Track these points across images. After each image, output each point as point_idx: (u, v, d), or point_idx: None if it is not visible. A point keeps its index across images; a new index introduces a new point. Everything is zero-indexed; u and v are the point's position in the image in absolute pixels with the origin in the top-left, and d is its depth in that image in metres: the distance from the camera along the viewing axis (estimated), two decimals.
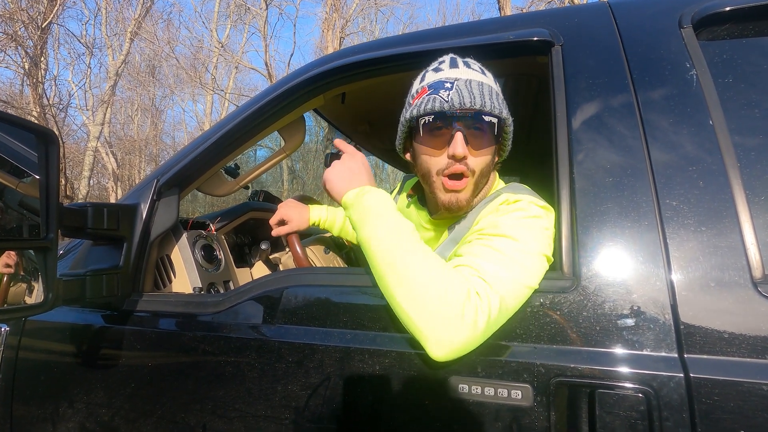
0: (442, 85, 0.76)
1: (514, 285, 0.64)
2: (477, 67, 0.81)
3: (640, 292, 0.62)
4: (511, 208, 0.74)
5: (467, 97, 0.74)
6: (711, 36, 0.75)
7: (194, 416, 0.81)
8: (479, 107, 0.74)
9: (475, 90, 0.75)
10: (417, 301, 0.62)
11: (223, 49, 14.56)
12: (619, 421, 0.57)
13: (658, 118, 0.70)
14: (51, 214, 0.75)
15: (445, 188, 0.79)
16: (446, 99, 0.75)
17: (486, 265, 0.65)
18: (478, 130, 0.76)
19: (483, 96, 0.75)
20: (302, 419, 0.74)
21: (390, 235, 0.68)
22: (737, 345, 0.56)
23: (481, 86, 0.76)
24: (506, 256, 0.66)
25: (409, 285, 0.63)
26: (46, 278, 0.75)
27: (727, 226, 0.61)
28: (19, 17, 10.19)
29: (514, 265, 0.65)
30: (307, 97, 1.04)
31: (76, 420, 0.92)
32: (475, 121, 0.75)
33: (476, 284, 0.63)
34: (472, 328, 0.60)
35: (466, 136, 0.76)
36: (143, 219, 0.98)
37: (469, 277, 0.65)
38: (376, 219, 0.70)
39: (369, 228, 0.70)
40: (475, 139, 0.77)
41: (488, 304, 0.62)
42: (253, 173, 1.38)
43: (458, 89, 0.75)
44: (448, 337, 0.61)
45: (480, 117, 0.75)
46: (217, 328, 0.83)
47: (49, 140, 0.76)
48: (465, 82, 0.76)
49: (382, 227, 0.69)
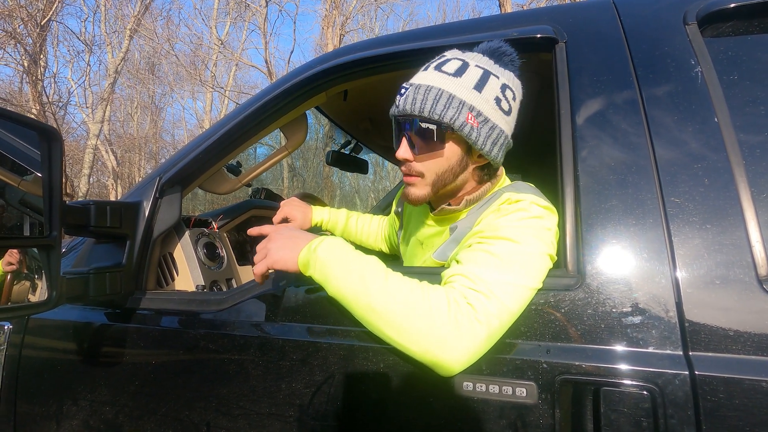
0: (400, 89, 0.80)
1: (514, 288, 0.64)
2: (453, 68, 0.77)
3: (645, 290, 0.62)
4: (511, 209, 0.73)
5: (409, 104, 0.77)
6: (716, 33, 0.75)
7: (198, 414, 0.82)
8: (417, 113, 0.76)
9: (419, 96, 0.76)
10: (409, 333, 0.63)
11: (222, 46, 14.51)
12: (624, 419, 0.57)
13: (662, 116, 0.70)
14: (54, 212, 0.75)
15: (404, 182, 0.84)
16: (397, 104, 0.79)
17: (482, 273, 0.65)
18: (418, 136, 0.79)
19: (424, 101, 0.75)
20: (306, 417, 0.74)
21: (357, 279, 0.67)
22: (742, 342, 0.56)
23: (428, 91, 0.76)
24: (504, 260, 0.66)
25: (395, 320, 0.64)
26: (50, 276, 0.75)
27: (732, 224, 0.61)
28: (18, 14, 10.16)
29: (513, 268, 0.65)
30: (309, 94, 1.04)
31: (79, 418, 0.92)
32: (416, 126, 0.78)
33: (469, 295, 0.64)
34: (472, 340, 0.61)
35: (412, 139, 0.79)
36: (146, 217, 0.97)
37: (461, 289, 0.65)
38: (336, 269, 0.69)
39: (334, 281, 0.69)
40: (420, 143, 0.79)
41: (486, 314, 0.62)
42: (255, 171, 1.37)
43: (407, 95, 0.78)
44: (449, 356, 0.61)
45: (417, 123, 0.77)
46: (220, 325, 0.83)
47: (52, 138, 0.76)
48: (416, 87, 0.77)
49: (345, 275, 0.68)
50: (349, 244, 0.74)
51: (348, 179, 15.85)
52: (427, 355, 0.63)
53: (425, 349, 0.62)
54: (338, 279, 0.68)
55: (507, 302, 0.63)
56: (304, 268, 0.72)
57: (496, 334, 0.63)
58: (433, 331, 0.62)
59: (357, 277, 0.67)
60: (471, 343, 0.61)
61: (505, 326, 0.64)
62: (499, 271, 0.65)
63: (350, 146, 2.06)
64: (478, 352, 0.62)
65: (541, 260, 0.67)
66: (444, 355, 0.61)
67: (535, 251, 0.67)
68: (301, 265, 0.73)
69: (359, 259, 0.70)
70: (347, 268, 0.68)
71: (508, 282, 0.64)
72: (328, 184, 13.10)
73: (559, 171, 0.74)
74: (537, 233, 0.69)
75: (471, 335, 0.61)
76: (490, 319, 0.62)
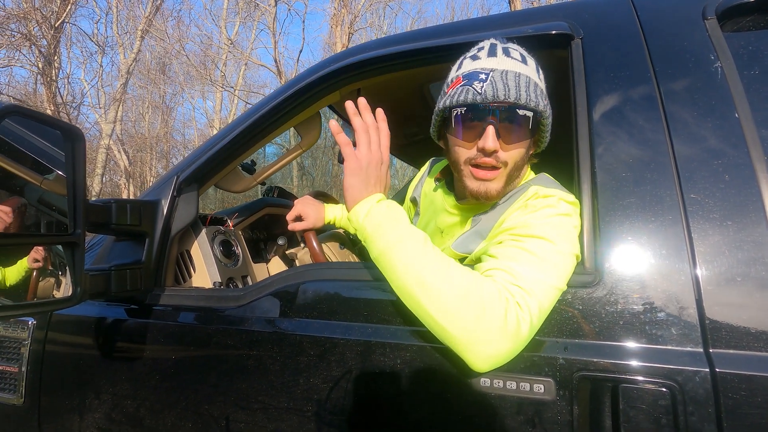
0: (476, 76, 0.74)
1: (549, 289, 0.64)
2: (518, 54, 0.77)
3: (664, 287, 0.62)
4: (539, 204, 0.73)
5: (501, 90, 0.72)
6: (736, 27, 0.74)
7: (218, 408, 0.83)
8: (513, 100, 0.72)
9: (510, 82, 0.72)
10: (455, 317, 0.61)
11: (232, 46, 14.62)
12: (644, 416, 0.57)
13: (681, 112, 0.69)
14: (78, 211, 0.77)
15: (474, 177, 0.78)
16: (479, 91, 0.73)
17: (522, 270, 0.65)
18: (511, 123, 0.74)
19: (519, 88, 0.72)
20: (324, 411, 0.75)
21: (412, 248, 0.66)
22: (765, 340, 0.56)
23: (517, 77, 0.73)
24: (541, 258, 0.66)
25: (446, 302, 0.62)
26: (74, 273, 0.77)
27: (753, 220, 0.61)
28: (33, 17, 10.33)
29: (549, 268, 0.65)
30: (324, 92, 1.05)
31: (102, 411, 0.94)
32: (509, 114, 0.73)
33: (515, 292, 0.63)
34: (515, 338, 0.60)
35: (498, 129, 0.74)
36: (164, 215, 0.99)
37: (506, 285, 0.64)
38: (391, 229, 0.67)
39: (384, 241, 0.66)
40: (508, 132, 0.75)
41: (529, 312, 0.62)
42: (269, 169, 1.39)
43: (493, 81, 0.72)
44: (491, 350, 0.60)
45: (514, 110, 0.73)
46: (239, 321, 0.85)
47: (76, 138, 0.77)
48: (501, 73, 0.73)
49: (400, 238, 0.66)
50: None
51: None
52: (469, 345, 0.61)
53: (468, 339, 0.60)
54: (390, 241, 0.66)
55: (544, 302, 0.63)
56: (355, 215, 0.71)
57: (533, 334, 0.63)
58: (482, 323, 0.60)
59: (412, 245, 0.65)
60: (514, 342, 0.61)
61: (538, 326, 0.63)
62: (539, 270, 0.65)
63: None
64: (517, 350, 0.62)
65: (571, 261, 0.67)
66: (486, 348, 0.60)
67: (567, 251, 0.67)
68: (353, 211, 0.71)
69: (416, 230, 0.68)
70: (403, 233, 0.66)
71: (545, 281, 0.64)
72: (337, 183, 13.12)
73: (576, 168, 0.74)
74: (567, 232, 0.69)
75: (516, 334, 0.60)
76: (532, 318, 0.62)
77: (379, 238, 0.68)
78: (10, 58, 11.32)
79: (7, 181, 0.90)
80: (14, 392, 1.02)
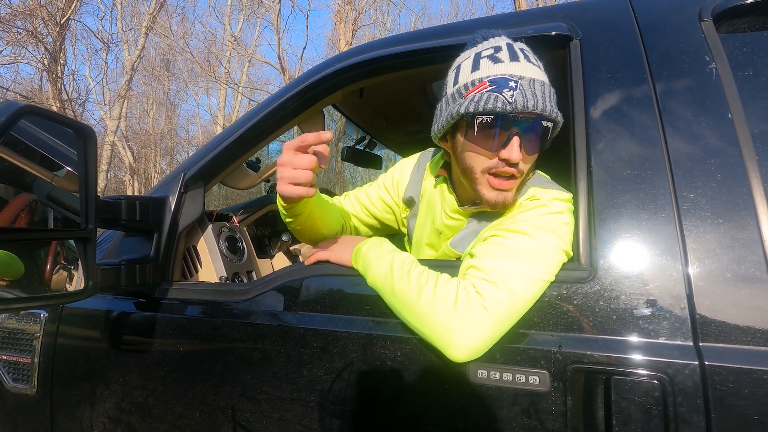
0: (506, 83, 0.71)
1: (523, 278, 0.66)
2: (534, 59, 0.76)
3: (657, 283, 0.64)
4: (532, 205, 0.75)
5: (531, 101, 0.70)
6: (731, 29, 0.75)
7: (224, 398, 0.86)
8: (540, 112, 0.71)
9: (538, 92, 0.71)
10: (421, 317, 0.69)
11: (236, 42, 14.63)
12: (635, 406, 0.59)
13: (676, 112, 0.71)
14: (90, 207, 0.79)
15: (492, 186, 0.77)
16: (510, 100, 0.70)
17: (494, 264, 0.69)
18: (534, 134, 0.74)
19: (545, 99, 0.71)
20: (326, 402, 0.78)
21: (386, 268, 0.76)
22: (752, 334, 0.58)
23: (543, 87, 0.73)
24: (517, 251, 0.69)
25: (411, 305, 0.70)
26: (86, 267, 0.80)
27: (745, 219, 0.62)
28: (39, 14, 10.39)
29: (525, 260, 0.68)
30: (327, 91, 1.07)
31: (112, 401, 0.97)
32: (534, 124, 0.73)
33: (478, 284, 0.68)
34: (478, 323, 0.64)
35: (521, 139, 0.73)
36: (172, 211, 1.02)
37: (472, 280, 0.69)
38: (373, 261, 0.79)
39: (371, 271, 0.78)
40: (529, 143, 0.74)
41: (493, 300, 0.65)
42: (274, 167, 1.41)
43: (522, 90, 0.70)
44: (458, 339, 0.65)
45: (539, 121, 0.73)
46: (244, 315, 0.87)
47: (87, 135, 0.80)
48: (529, 82, 0.72)
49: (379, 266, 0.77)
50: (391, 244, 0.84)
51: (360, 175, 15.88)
52: (438, 339, 0.67)
53: (436, 334, 0.67)
54: (373, 268, 0.78)
55: (516, 291, 0.66)
56: (354, 263, 0.83)
57: (504, 322, 0.65)
58: (441, 316, 0.66)
59: (387, 266, 0.76)
60: (477, 329, 0.64)
61: (514, 314, 0.66)
62: (510, 261, 0.68)
63: (365, 142, 2.09)
64: (486, 338, 0.65)
65: (555, 254, 0.69)
66: (452, 339, 0.65)
67: (549, 245, 0.69)
68: (352, 260, 0.84)
69: (392, 254, 0.78)
70: (380, 260, 0.78)
71: (517, 272, 0.67)
72: (340, 180, 13.14)
73: (573, 166, 0.75)
74: (554, 228, 0.71)
75: (477, 321, 0.64)
76: (497, 307, 0.65)
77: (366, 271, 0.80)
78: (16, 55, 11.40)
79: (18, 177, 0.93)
80: (27, 383, 1.05)
